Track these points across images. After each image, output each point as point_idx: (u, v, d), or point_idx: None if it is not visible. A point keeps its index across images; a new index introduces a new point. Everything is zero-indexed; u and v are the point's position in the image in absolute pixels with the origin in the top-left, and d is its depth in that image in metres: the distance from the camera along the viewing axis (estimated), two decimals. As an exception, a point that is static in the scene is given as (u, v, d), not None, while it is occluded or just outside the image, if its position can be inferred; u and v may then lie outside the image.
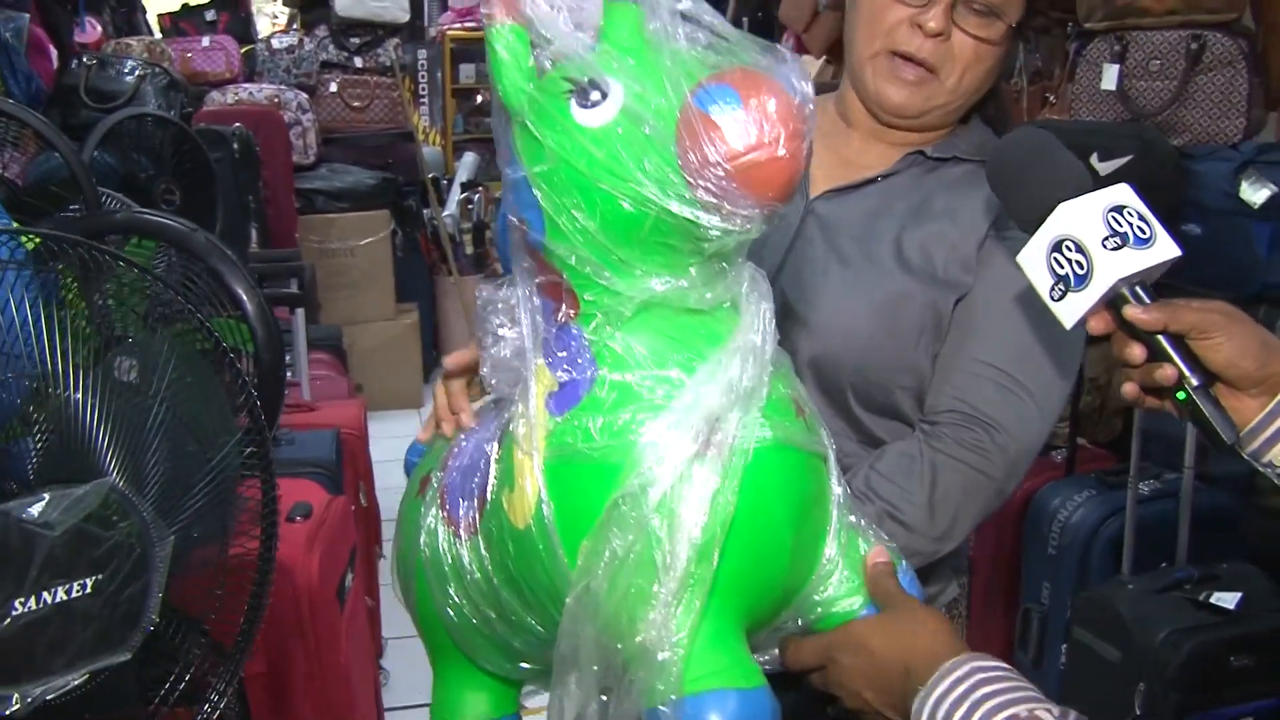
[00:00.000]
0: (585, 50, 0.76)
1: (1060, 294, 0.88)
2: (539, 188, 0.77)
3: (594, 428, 0.77)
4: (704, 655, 0.76)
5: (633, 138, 0.73)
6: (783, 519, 0.80)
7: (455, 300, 5.95)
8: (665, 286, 0.77)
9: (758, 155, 0.70)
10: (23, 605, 0.83)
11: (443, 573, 0.93)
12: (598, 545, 0.75)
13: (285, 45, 5.42)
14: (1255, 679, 2.11)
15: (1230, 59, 2.55)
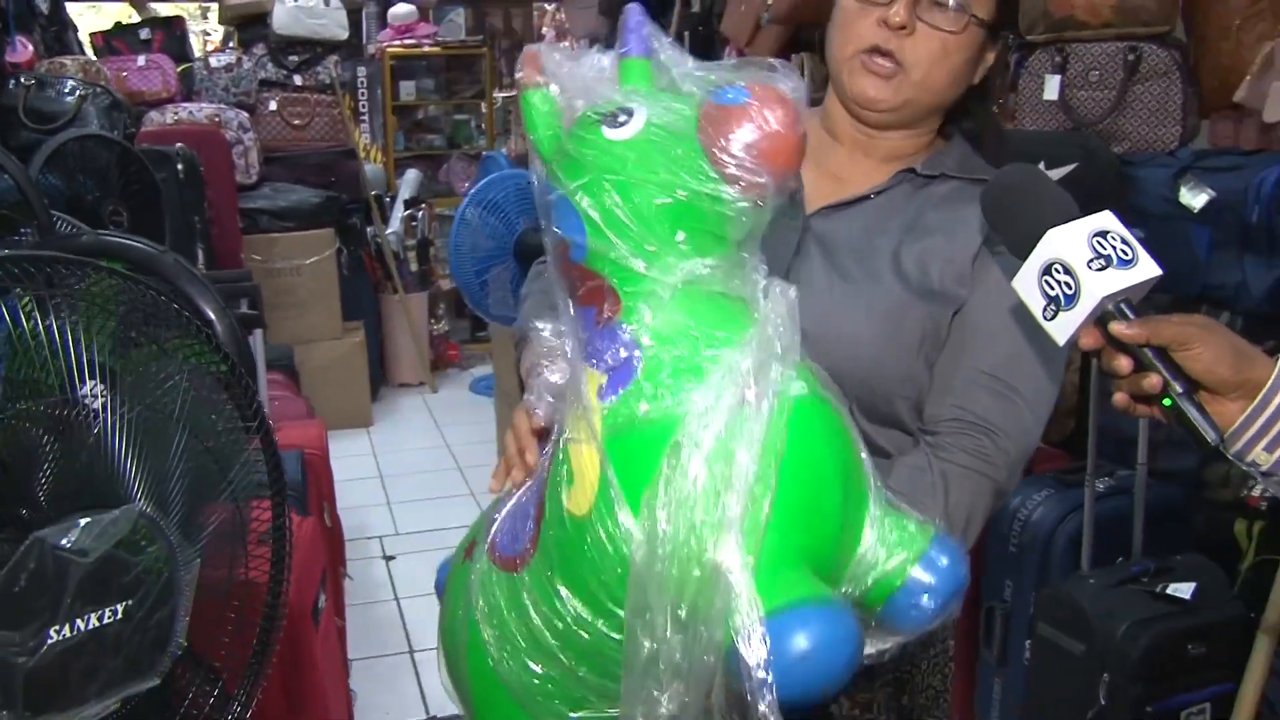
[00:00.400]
0: (610, 94, 0.89)
1: (1052, 314, 0.94)
2: (581, 199, 0.86)
3: (646, 395, 0.83)
4: (774, 577, 0.79)
5: (660, 139, 0.85)
6: (830, 462, 0.85)
7: (401, 317, 5.93)
8: (695, 270, 0.86)
9: (769, 131, 0.82)
10: (57, 633, 0.84)
11: (502, 621, 0.93)
12: (657, 491, 0.79)
13: (223, 64, 5.37)
14: (1210, 666, 2.18)
15: (1165, 69, 2.65)
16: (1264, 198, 2.36)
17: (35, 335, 0.84)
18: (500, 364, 4.98)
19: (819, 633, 0.76)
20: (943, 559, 0.90)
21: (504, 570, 0.94)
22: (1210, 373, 0.90)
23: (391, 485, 4.60)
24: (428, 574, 3.78)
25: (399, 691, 3.06)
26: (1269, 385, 0.90)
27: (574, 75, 0.91)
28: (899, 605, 0.91)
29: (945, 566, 0.90)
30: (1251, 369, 0.91)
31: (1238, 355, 0.91)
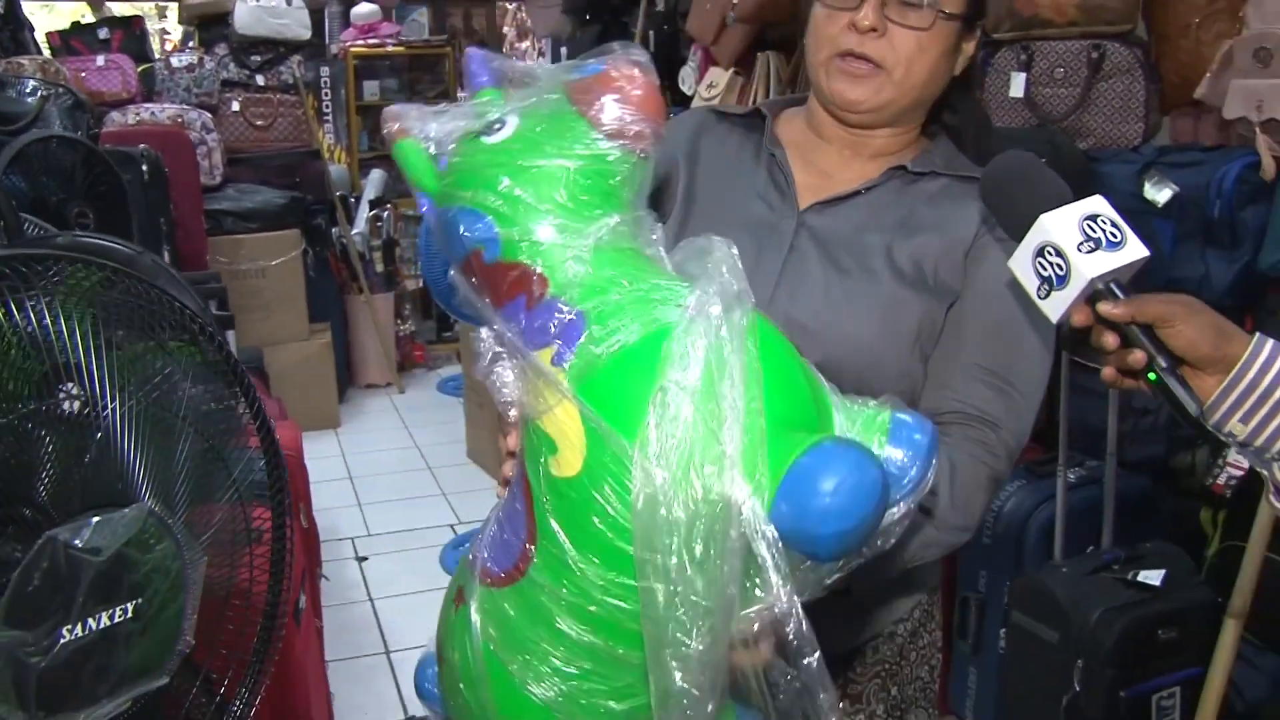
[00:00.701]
0: (475, 119, 0.95)
1: (1046, 293, 0.99)
2: (482, 199, 0.90)
3: (600, 339, 0.85)
4: (776, 450, 0.80)
5: (539, 124, 0.92)
6: (798, 369, 0.90)
7: (367, 318, 5.90)
8: (607, 224, 0.91)
9: (634, 85, 0.91)
10: (70, 633, 0.84)
11: (522, 641, 0.92)
12: (649, 439, 0.80)
13: (185, 64, 5.31)
14: (1180, 651, 2.23)
15: (1128, 67, 2.69)
16: (1225, 193, 2.42)
17: (47, 334, 0.84)
18: (469, 363, 4.98)
19: (853, 458, 0.78)
20: (910, 431, 0.91)
21: (507, 586, 0.93)
22: (1192, 348, 0.94)
23: (361, 486, 4.58)
24: (401, 574, 3.79)
25: (376, 692, 3.06)
26: (1243, 360, 0.94)
27: (433, 121, 0.97)
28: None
29: (915, 438, 0.91)
30: (1230, 345, 0.95)
31: (1218, 332, 0.95)
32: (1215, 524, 2.50)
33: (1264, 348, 0.95)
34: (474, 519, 4.28)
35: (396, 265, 6.28)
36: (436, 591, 3.74)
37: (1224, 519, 2.48)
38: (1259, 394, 0.93)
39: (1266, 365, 0.94)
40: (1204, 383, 0.95)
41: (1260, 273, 2.36)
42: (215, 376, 1.01)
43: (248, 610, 1.05)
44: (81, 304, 0.93)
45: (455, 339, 6.45)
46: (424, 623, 3.65)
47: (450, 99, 6.93)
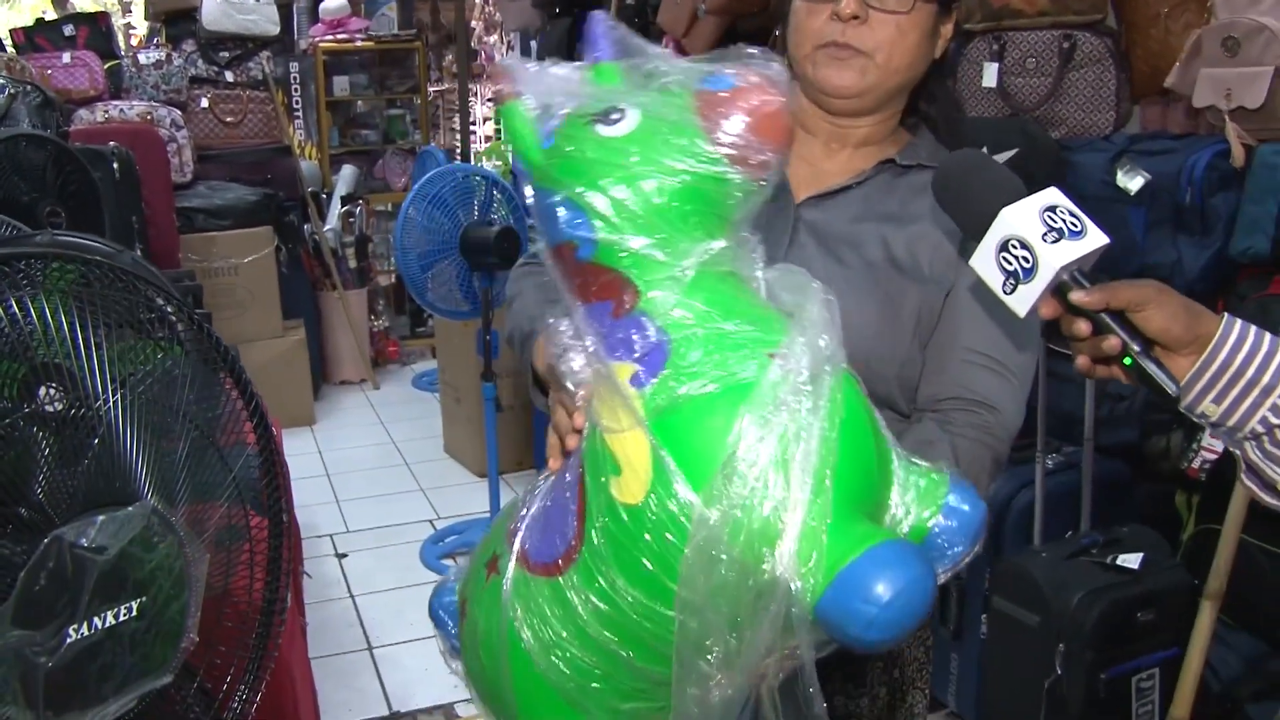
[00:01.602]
0: (593, 94, 0.92)
1: (1012, 288, 0.99)
2: (586, 197, 0.88)
3: (683, 377, 0.84)
4: (840, 533, 0.80)
5: (658, 130, 0.88)
6: (867, 427, 0.89)
7: (340, 315, 5.88)
8: (708, 251, 0.89)
9: (763, 109, 0.87)
10: (76, 632, 0.84)
11: (546, 625, 0.93)
12: (715, 495, 0.80)
13: (152, 60, 5.26)
14: (1158, 632, 2.27)
15: (1098, 56, 2.73)
16: (1195, 180, 2.45)
17: (58, 332, 0.83)
18: (445, 358, 4.96)
19: (905, 567, 0.78)
20: (963, 505, 0.93)
21: (543, 576, 0.94)
22: (1165, 331, 0.96)
23: (339, 483, 4.57)
24: (381, 570, 3.78)
25: (360, 688, 3.05)
26: (1214, 341, 0.96)
27: (546, 84, 0.94)
28: (931, 549, 0.93)
29: (966, 511, 0.93)
30: (1201, 325, 0.97)
31: (1189, 313, 0.97)
32: (1190, 507, 2.54)
33: (1233, 328, 0.96)
34: (452, 514, 4.28)
35: (369, 261, 6.25)
36: (417, 587, 3.76)
37: (1198, 502, 2.52)
38: (1231, 374, 0.95)
39: (1237, 345, 0.95)
40: (1177, 364, 0.97)
41: (1231, 258, 2.39)
42: (209, 371, 1.01)
43: (248, 609, 1.05)
44: (69, 301, 0.93)
45: (429, 334, 6.43)
46: (406, 618, 3.67)
47: (420, 95, 6.91)
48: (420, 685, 3.05)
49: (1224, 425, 0.97)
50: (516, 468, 4.58)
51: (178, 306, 0.96)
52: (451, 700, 2.98)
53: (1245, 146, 2.36)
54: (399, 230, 3.61)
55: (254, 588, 1.06)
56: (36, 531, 0.85)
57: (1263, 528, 2.18)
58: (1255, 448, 0.97)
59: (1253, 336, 0.96)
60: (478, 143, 7.62)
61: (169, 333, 1.01)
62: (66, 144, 2.95)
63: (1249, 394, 0.95)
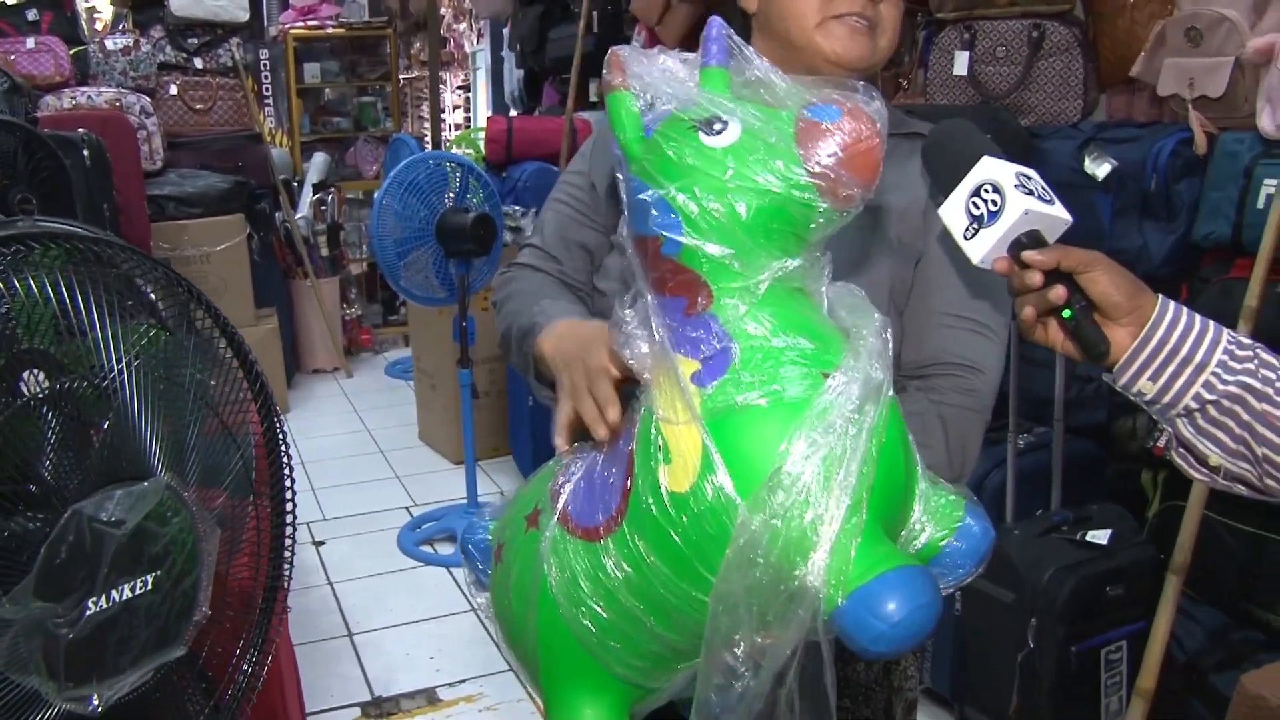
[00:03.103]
0: (699, 100, 0.95)
1: (973, 233, 1.04)
2: (679, 199, 0.92)
3: (747, 383, 0.90)
4: (867, 550, 0.86)
5: (758, 148, 0.91)
6: (900, 454, 0.94)
7: (313, 303, 5.86)
8: (783, 268, 0.93)
9: (860, 147, 0.90)
10: (95, 605, 0.86)
11: (576, 584, 0.99)
12: (758, 504, 0.85)
13: (120, 46, 5.22)
14: (1126, 606, 2.33)
15: (1067, 45, 2.78)
16: (1160, 167, 2.50)
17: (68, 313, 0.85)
18: (419, 346, 4.97)
19: (917, 592, 0.83)
20: (975, 530, 1.00)
21: (582, 539, 0.99)
22: (1108, 295, 1.00)
23: (314, 471, 4.57)
24: (359, 558, 3.79)
25: (340, 674, 3.07)
26: (1151, 320, 1.00)
27: (655, 77, 0.97)
28: (940, 567, 1.00)
29: (977, 534, 0.99)
30: (1141, 297, 1.01)
31: (1133, 284, 1.02)
32: (1156, 485, 2.60)
33: (1169, 308, 1.01)
34: (428, 501, 4.29)
35: (341, 249, 6.24)
36: (395, 574, 3.78)
37: (1164, 480, 2.59)
38: (1167, 352, 0.99)
39: (1172, 324, 1.00)
40: (1115, 334, 1.02)
41: (1194, 243, 2.45)
42: (213, 347, 1.03)
43: (253, 587, 1.07)
44: (81, 278, 0.94)
45: (402, 322, 6.43)
46: (385, 604, 3.69)
47: (392, 82, 6.89)
48: (402, 670, 3.07)
49: (1159, 402, 1.02)
50: (493, 454, 4.60)
51: (181, 285, 0.98)
52: (433, 684, 3.00)
53: (1208, 134, 2.42)
54: (374, 218, 3.62)
55: (260, 565, 1.08)
56: (52, 507, 0.87)
57: (1224, 504, 2.25)
58: (1188, 424, 1.02)
59: (1185, 316, 1.00)
60: (448, 130, 7.61)
61: (172, 311, 1.03)
62: (37, 130, 2.94)
63: (1183, 371, 0.99)
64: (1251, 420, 0.98)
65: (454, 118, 8.35)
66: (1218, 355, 0.99)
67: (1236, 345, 1.00)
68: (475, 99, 8.14)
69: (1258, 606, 2.33)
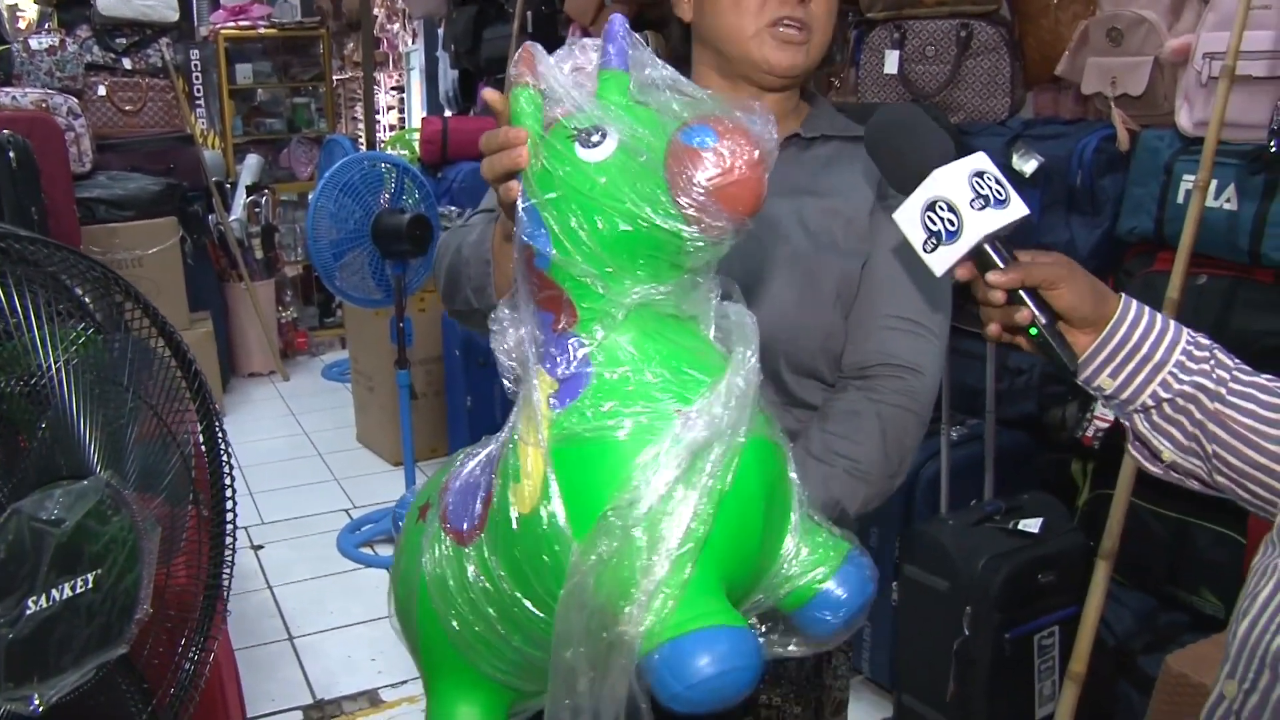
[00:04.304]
0: (588, 107, 0.90)
1: (933, 247, 1.02)
2: (549, 212, 0.88)
3: (592, 413, 0.87)
4: (687, 604, 0.83)
5: (629, 168, 0.86)
6: (756, 500, 0.90)
7: (248, 306, 5.79)
8: (650, 294, 0.89)
9: (731, 178, 0.84)
10: (35, 604, 0.85)
11: (446, 585, 0.99)
12: (588, 546, 0.83)
13: (45, 46, 5.11)
14: (1057, 592, 2.39)
15: (994, 45, 2.84)
16: (1085, 163, 2.57)
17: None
18: (356, 348, 4.94)
19: (723, 656, 0.80)
20: (854, 575, 0.95)
21: (451, 541, 0.99)
22: (1074, 309, 1.01)
23: (251, 475, 4.52)
24: (298, 561, 3.77)
25: (282, 678, 3.04)
26: (1114, 320, 1.02)
27: (556, 78, 0.92)
28: (809, 616, 0.96)
29: (855, 583, 0.95)
30: (1105, 305, 1.03)
31: (1096, 293, 1.03)
32: (1085, 474, 2.67)
33: (1130, 308, 1.03)
34: (368, 503, 4.27)
35: (276, 251, 6.17)
36: (335, 576, 3.75)
37: (1093, 469, 2.66)
38: (1128, 350, 1.02)
39: (1134, 323, 1.02)
40: (1077, 339, 1.03)
41: (1119, 237, 2.52)
42: (151, 346, 1.03)
43: (194, 585, 1.07)
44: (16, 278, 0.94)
45: (338, 324, 6.38)
46: (325, 607, 3.66)
47: (326, 82, 6.83)
48: (343, 673, 3.05)
49: (1118, 398, 1.04)
50: (431, 455, 4.58)
51: (118, 284, 0.98)
52: (375, 686, 2.99)
53: (1130, 131, 2.49)
54: (310, 219, 3.59)
55: (201, 564, 1.08)
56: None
57: (1151, 492, 2.31)
58: (1144, 419, 1.04)
59: (1147, 316, 1.03)
60: (382, 131, 7.55)
61: (107, 310, 1.03)
62: (-40, 133, 2.87)
63: (1143, 369, 1.02)
64: (1204, 419, 1.01)
65: (389, 118, 8.29)
66: (1176, 355, 1.01)
67: (1195, 346, 1.02)
68: (410, 99, 8.10)
69: (1182, 590, 2.40)
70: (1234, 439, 0.99)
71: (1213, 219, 2.22)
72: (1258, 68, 2.17)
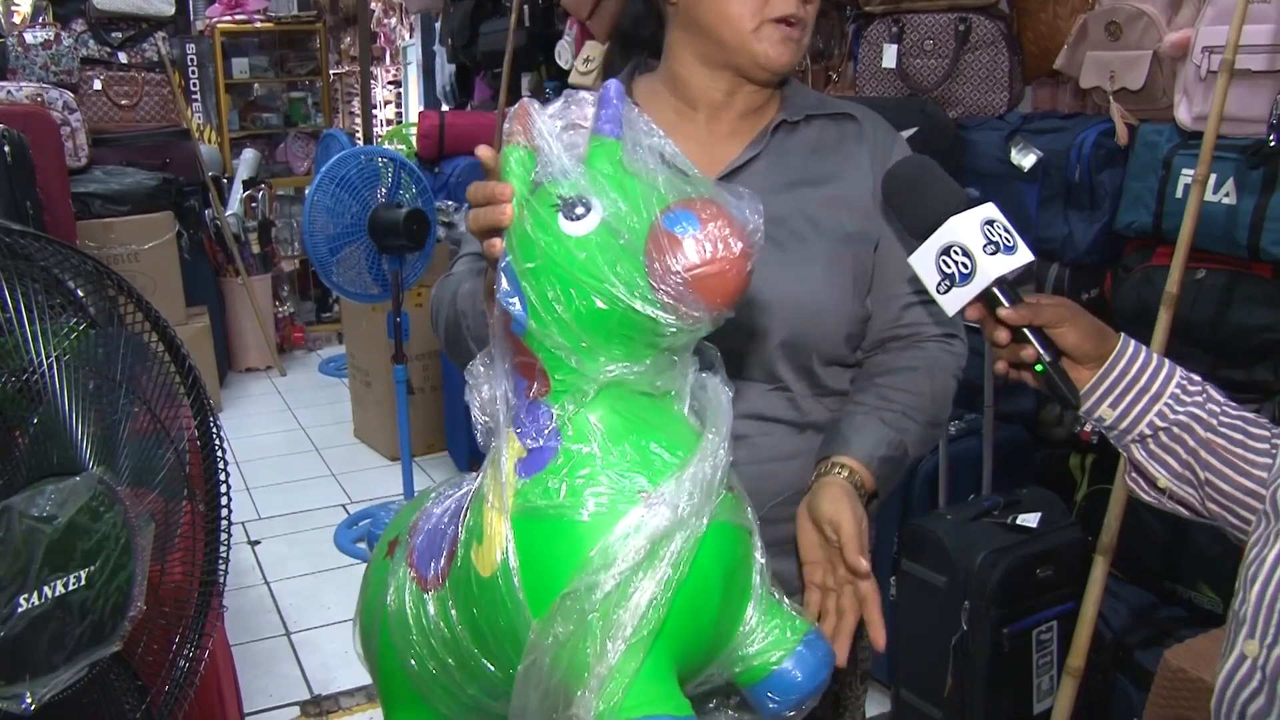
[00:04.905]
0: (575, 174, 0.88)
1: (946, 288, 1.07)
2: (527, 280, 0.87)
3: (556, 489, 0.87)
4: (636, 689, 0.84)
5: (609, 246, 0.84)
6: (713, 585, 0.90)
7: (245, 301, 5.78)
8: (623, 372, 0.88)
9: (710, 269, 0.82)
10: (27, 601, 0.85)
11: (407, 625, 1.00)
12: (546, 627, 0.84)
13: (40, 40, 5.10)
14: (1056, 587, 2.38)
15: (992, 39, 2.83)
16: (1084, 157, 2.56)
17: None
18: (353, 343, 4.93)
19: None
20: (809, 659, 0.97)
21: (416, 585, 1.00)
22: (1078, 347, 1.07)
23: (248, 470, 4.51)
24: (295, 557, 3.76)
25: (279, 674, 3.04)
26: (1114, 355, 1.08)
27: (550, 139, 0.90)
28: (761, 693, 0.97)
29: (810, 667, 0.96)
30: (1107, 343, 1.08)
31: (1099, 333, 1.08)
32: (1083, 469, 2.67)
33: (1129, 345, 1.09)
34: (365, 498, 4.26)
35: (273, 246, 6.16)
36: (331, 572, 3.74)
37: (1091, 464, 2.66)
38: (1126, 383, 1.07)
39: (1132, 359, 1.08)
40: (1079, 374, 1.08)
41: (1117, 232, 2.52)
42: (145, 342, 1.02)
43: (188, 583, 1.07)
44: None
45: (335, 319, 6.37)
46: (322, 603, 3.65)
47: (322, 77, 6.81)
48: (340, 669, 3.05)
49: (1117, 428, 1.09)
50: (428, 450, 4.57)
51: (111, 278, 0.97)
52: (372, 682, 2.98)
53: (1128, 125, 2.48)
54: (306, 214, 3.58)
55: (195, 560, 1.07)
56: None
57: (1150, 486, 2.31)
58: (1141, 448, 1.09)
59: (1144, 353, 1.08)
60: (379, 126, 7.54)
61: (101, 305, 1.02)
62: (-46, 128, 2.86)
63: (1140, 400, 1.07)
64: (1197, 446, 1.06)
65: (385, 113, 8.27)
66: (1171, 388, 1.07)
67: (1188, 381, 1.09)
68: (407, 94, 8.08)
69: (1180, 585, 2.40)
70: (1225, 466, 1.05)
71: (1211, 213, 2.22)
72: (1257, 61, 2.16)
